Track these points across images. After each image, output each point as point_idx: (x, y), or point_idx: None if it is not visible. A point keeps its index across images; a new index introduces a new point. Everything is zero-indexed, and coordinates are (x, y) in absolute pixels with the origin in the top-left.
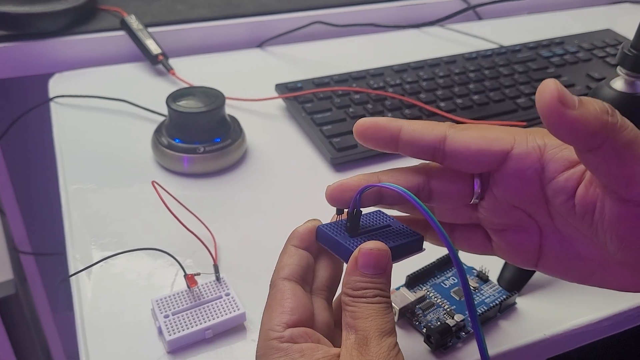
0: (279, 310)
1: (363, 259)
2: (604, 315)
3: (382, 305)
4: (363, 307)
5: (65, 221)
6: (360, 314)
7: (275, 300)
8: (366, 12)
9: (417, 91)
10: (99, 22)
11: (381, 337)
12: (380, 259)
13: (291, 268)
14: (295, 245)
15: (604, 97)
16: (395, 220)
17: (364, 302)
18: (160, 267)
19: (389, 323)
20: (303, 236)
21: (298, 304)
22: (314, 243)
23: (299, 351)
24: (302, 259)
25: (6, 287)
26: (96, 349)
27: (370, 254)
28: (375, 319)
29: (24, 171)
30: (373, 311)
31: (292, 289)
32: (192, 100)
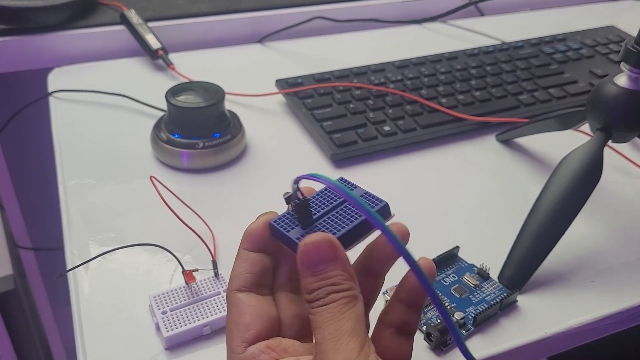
0: (236, 329)
1: (304, 257)
2: (605, 314)
3: (337, 304)
4: (318, 312)
5: (63, 216)
6: (315, 322)
7: (232, 318)
8: (367, 8)
9: (419, 87)
10: (99, 17)
11: (336, 346)
12: (322, 252)
13: (242, 277)
14: (246, 249)
15: (608, 94)
16: (357, 188)
17: (318, 305)
18: (158, 263)
19: (348, 323)
20: (254, 237)
21: (254, 316)
22: (267, 240)
23: None
24: (254, 265)
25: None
26: (93, 344)
27: (309, 251)
28: (331, 324)
29: (23, 166)
30: (328, 315)
31: (246, 302)
32: (192, 96)
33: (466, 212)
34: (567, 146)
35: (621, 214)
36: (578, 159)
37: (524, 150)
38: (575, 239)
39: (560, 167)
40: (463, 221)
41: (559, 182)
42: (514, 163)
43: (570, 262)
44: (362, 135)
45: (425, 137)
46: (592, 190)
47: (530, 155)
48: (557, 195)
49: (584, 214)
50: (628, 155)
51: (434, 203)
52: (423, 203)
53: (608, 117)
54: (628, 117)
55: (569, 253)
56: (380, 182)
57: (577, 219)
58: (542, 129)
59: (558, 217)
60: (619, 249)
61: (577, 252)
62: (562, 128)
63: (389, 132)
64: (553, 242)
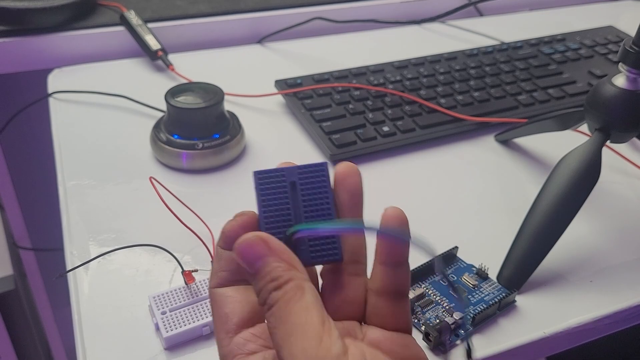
0: (219, 322)
1: (240, 259)
2: (603, 314)
3: (280, 303)
4: (268, 318)
5: (63, 217)
6: (269, 329)
7: (214, 314)
8: (366, 8)
9: (418, 88)
10: (98, 18)
11: (291, 351)
12: (254, 249)
13: (219, 275)
14: (222, 247)
15: (606, 94)
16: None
17: (266, 310)
18: (158, 264)
19: (297, 318)
20: (228, 237)
21: (234, 305)
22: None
23: None
24: (229, 263)
25: (6, 282)
26: (93, 345)
27: (241, 251)
28: (280, 326)
29: (23, 166)
30: (275, 318)
31: (224, 294)
32: (191, 96)
33: (465, 212)
34: (565, 146)
35: (619, 214)
36: (576, 159)
37: (522, 151)
38: (573, 239)
39: (558, 167)
40: (462, 221)
41: (557, 183)
42: (512, 163)
43: (569, 262)
44: (361, 136)
45: (424, 137)
46: (591, 191)
47: (529, 156)
48: (555, 195)
49: (583, 214)
50: (627, 156)
51: (433, 203)
52: (422, 203)
53: (606, 117)
54: (626, 117)
55: (567, 253)
56: (380, 182)
57: (576, 219)
58: (541, 129)
59: (556, 217)
60: (618, 249)
61: (575, 252)
62: (560, 128)
63: (388, 133)
64: (551, 242)
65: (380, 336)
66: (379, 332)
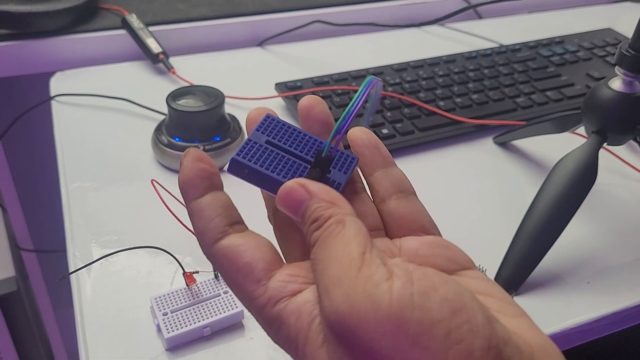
0: (241, 276)
1: (286, 210)
2: (601, 314)
3: (322, 239)
4: (311, 256)
5: (65, 219)
6: (312, 266)
7: (229, 271)
8: (366, 11)
9: (417, 90)
10: (100, 21)
11: (327, 293)
12: (295, 198)
13: (212, 226)
14: (196, 197)
15: (602, 97)
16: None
17: (311, 248)
18: (159, 265)
19: (335, 248)
20: (195, 182)
21: (253, 251)
22: (210, 176)
23: (293, 313)
24: (215, 208)
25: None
26: (95, 345)
27: (284, 204)
28: (322, 256)
29: (26, 169)
30: (318, 252)
31: (233, 244)
32: (192, 99)
33: (463, 214)
34: (563, 149)
35: (616, 215)
36: (574, 161)
37: (521, 153)
38: (571, 240)
39: (556, 169)
40: (460, 223)
41: (555, 184)
42: (511, 165)
43: (567, 263)
44: None
45: (423, 139)
46: (588, 192)
47: (527, 158)
48: (553, 197)
49: (580, 215)
50: (624, 158)
51: (431, 205)
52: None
53: (603, 120)
54: (622, 120)
55: (565, 254)
56: None
57: (573, 221)
58: (539, 132)
59: (554, 218)
60: (615, 250)
61: (573, 254)
62: (558, 131)
63: (387, 135)
64: (549, 243)
65: (414, 243)
66: (412, 240)
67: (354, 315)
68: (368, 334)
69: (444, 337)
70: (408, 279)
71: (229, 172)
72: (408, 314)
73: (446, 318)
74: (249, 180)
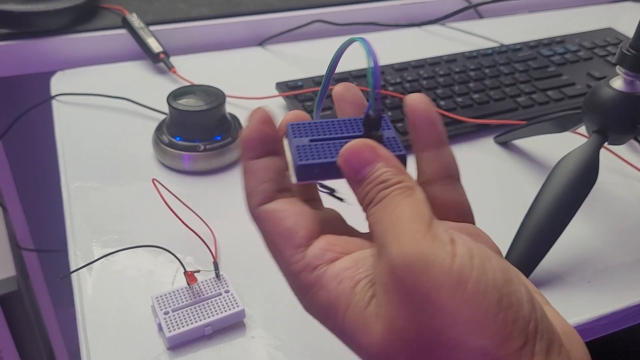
0: (281, 240)
1: (346, 168)
2: (602, 314)
3: (389, 197)
4: (373, 213)
5: (66, 218)
6: (372, 224)
7: (270, 233)
8: (367, 11)
9: (418, 90)
10: (101, 21)
11: (397, 232)
12: (361, 156)
13: (261, 189)
14: (251, 158)
15: (603, 97)
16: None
17: (372, 207)
18: (160, 264)
19: (405, 209)
20: (254, 143)
21: (296, 217)
22: (270, 139)
23: (334, 278)
24: (267, 172)
25: (9, 283)
26: (97, 345)
27: (348, 159)
28: (387, 217)
29: (26, 168)
30: (382, 210)
31: (277, 208)
32: (193, 99)
33: None
34: (564, 148)
35: (617, 215)
36: (575, 161)
37: (521, 152)
38: (572, 240)
39: (557, 168)
40: None
41: (555, 184)
42: (511, 165)
43: (567, 263)
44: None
45: None
46: (589, 192)
47: (528, 157)
48: (554, 196)
49: (581, 215)
50: (625, 157)
51: None
52: None
53: (604, 119)
54: (623, 119)
55: (565, 254)
56: None
57: (574, 221)
58: (540, 131)
59: (555, 218)
60: (616, 250)
61: (573, 253)
62: (559, 130)
63: None
64: (550, 243)
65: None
66: (445, 224)
67: (420, 262)
68: (429, 282)
69: (497, 301)
70: (468, 246)
71: (299, 181)
72: (467, 273)
73: (500, 284)
74: (320, 178)
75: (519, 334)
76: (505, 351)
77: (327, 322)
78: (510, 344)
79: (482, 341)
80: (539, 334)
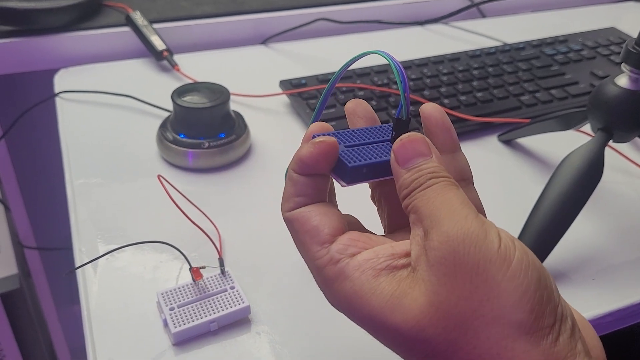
0: (308, 237)
1: (401, 151)
2: (606, 311)
3: (440, 184)
4: (420, 195)
5: (71, 215)
6: (419, 204)
7: (298, 233)
8: (370, 9)
9: (421, 88)
10: (104, 18)
11: (451, 210)
12: (417, 146)
13: (294, 201)
14: (296, 172)
15: (608, 94)
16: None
17: (419, 190)
18: (165, 261)
19: (456, 197)
20: (305, 164)
21: (321, 217)
22: (321, 167)
23: (356, 268)
24: (306, 188)
25: (11, 281)
26: (102, 340)
27: (405, 144)
28: (438, 197)
29: (29, 166)
30: (433, 192)
31: (305, 210)
32: (197, 96)
33: None
34: (568, 146)
35: (622, 213)
36: (579, 158)
37: (525, 151)
38: (576, 237)
39: (561, 166)
40: None
41: (560, 182)
42: (515, 163)
43: (572, 260)
44: None
45: None
46: (593, 190)
47: (532, 156)
48: (558, 194)
49: (585, 213)
50: (629, 156)
51: None
52: None
53: (609, 117)
54: (629, 117)
55: (570, 251)
56: None
57: (579, 218)
58: (544, 130)
59: (560, 216)
60: (620, 247)
61: (578, 251)
62: (563, 128)
63: None
64: (555, 240)
65: None
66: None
67: (474, 237)
68: (480, 255)
69: (537, 280)
70: (506, 232)
71: (348, 184)
72: (512, 252)
73: (538, 266)
74: (367, 179)
75: (551, 313)
76: (538, 327)
77: (353, 311)
78: (544, 320)
79: (520, 315)
80: (564, 317)
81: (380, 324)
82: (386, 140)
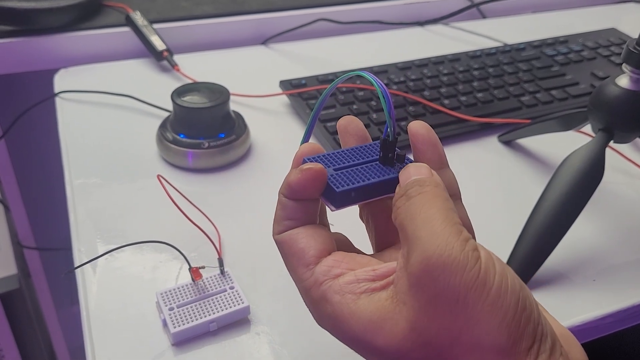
0: (294, 259)
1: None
2: (606, 312)
3: (425, 195)
4: (406, 206)
5: (70, 215)
6: (404, 218)
7: (287, 255)
8: (370, 10)
9: (421, 89)
10: (104, 18)
11: (433, 230)
12: (418, 169)
13: (284, 224)
14: (285, 196)
15: (609, 95)
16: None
17: (405, 201)
18: (165, 261)
19: (439, 212)
20: (294, 190)
21: (307, 239)
22: (309, 193)
23: (337, 292)
24: (295, 212)
25: (10, 281)
26: (101, 341)
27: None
28: (422, 212)
29: (29, 166)
30: (417, 206)
31: (292, 233)
32: (197, 96)
33: (468, 212)
34: (568, 147)
35: (622, 214)
36: (580, 159)
37: (526, 151)
38: (576, 238)
39: (562, 167)
40: None
41: (561, 183)
42: (516, 164)
43: (572, 261)
44: None
45: None
46: (594, 190)
47: (532, 156)
48: (559, 195)
49: (586, 214)
50: (629, 156)
51: None
52: None
53: (610, 117)
54: (629, 117)
55: (570, 252)
56: None
57: (579, 219)
58: (544, 130)
59: (560, 217)
60: (620, 248)
61: (578, 252)
62: (564, 129)
63: None
64: (555, 241)
65: None
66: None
67: (454, 265)
68: (460, 284)
69: (515, 303)
70: (487, 252)
71: (337, 208)
72: (491, 277)
73: (517, 289)
74: (356, 202)
75: (530, 334)
76: (517, 350)
77: (338, 333)
78: (522, 344)
79: (499, 340)
80: (544, 336)
81: (364, 345)
82: (374, 160)
